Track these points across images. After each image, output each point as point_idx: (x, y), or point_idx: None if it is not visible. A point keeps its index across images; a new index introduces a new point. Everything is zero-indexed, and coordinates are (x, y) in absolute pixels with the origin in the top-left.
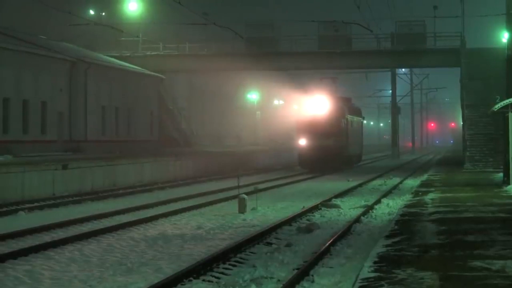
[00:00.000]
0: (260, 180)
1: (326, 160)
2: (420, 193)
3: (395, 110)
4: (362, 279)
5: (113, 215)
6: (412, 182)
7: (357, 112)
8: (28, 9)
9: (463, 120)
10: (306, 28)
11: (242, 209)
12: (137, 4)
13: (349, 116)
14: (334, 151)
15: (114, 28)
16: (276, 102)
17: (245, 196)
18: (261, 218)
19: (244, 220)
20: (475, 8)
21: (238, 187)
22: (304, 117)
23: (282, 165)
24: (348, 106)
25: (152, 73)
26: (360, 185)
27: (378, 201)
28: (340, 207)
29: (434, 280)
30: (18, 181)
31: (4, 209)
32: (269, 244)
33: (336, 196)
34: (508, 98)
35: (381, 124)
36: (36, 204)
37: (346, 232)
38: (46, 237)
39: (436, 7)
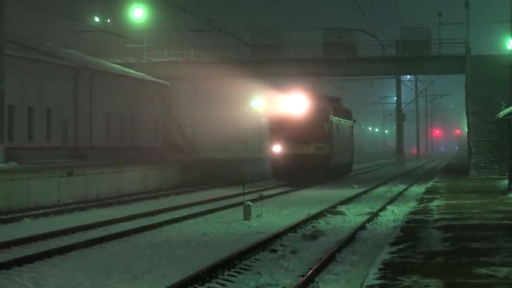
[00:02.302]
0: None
1: (305, 171)
2: (425, 200)
3: (400, 117)
4: (367, 286)
5: (118, 222)
6: (417, 189)
7: (346, 114)
8: (34, 16)
9: (468, 127)
10: (311, 35)
11: (247, 216)
12: (142, 11)
13: (334, 118)
14: (315, 161)
15: (119, 35)
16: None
17: (250, 203)
18: (266, 225)
19: (249, 227)
20: (480, 15)
21: (243, 194)
22: (279, 117)
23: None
24: (334, 107)
25: (157, 80)
26: (365, 192)
27: (383, 208)
28: (345, 214)
29: (439, 287)
30: (23, 188)
31: (10, 216)
32: (274, 251)
33: (341, 203)
34: None
35: (386, 131)
36: (41, 211)
37: (351, 239)
38: (51, 244)
39: (441, 14)
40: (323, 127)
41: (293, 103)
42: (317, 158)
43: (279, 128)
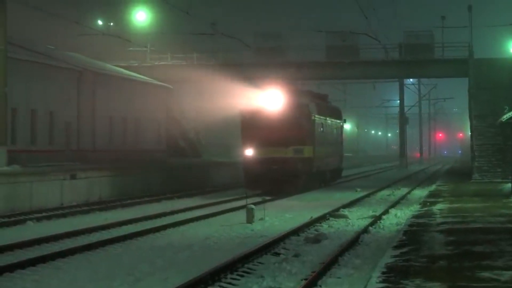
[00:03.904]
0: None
1: (282, 178)
2: (428, 204)
3: (403, 120)
4: None
5: (121, 225)
6: (420, 193)
7: (334, 113)
8: (36, 20)
9: (471, 131)
10: (314, 38)
11: (250, 219)
12: (145, 15)
13: (317, 116)
14: (294, 166)
15: (122, 38)
16: None
17: (253, 206)
18: (269, 228)
19: (252, 230)
20: (483, 18)
21: (246, 197)
22: (252, 115)
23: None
24: (318, 104)
25: (160, 83)
26: (368, 195)
27: (386, 212)
28: (348, 217)
29: None
30: (26, 191)
31: (13, 219)
32: (277, 254)
33: (344, 206)
34: None
35: (389, 135)
36: (44, 214)
37: (354, 242)
38: (54, 247)
39: (444, 17)
40: (304, 126)
41: (268, 98)
42: (296, 162)
43: (252, 127)
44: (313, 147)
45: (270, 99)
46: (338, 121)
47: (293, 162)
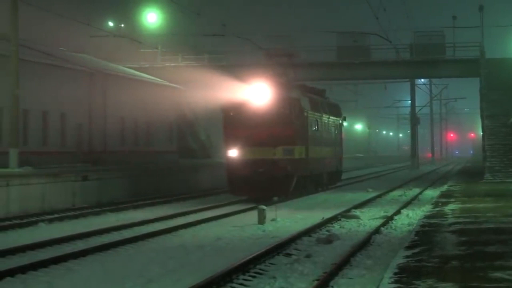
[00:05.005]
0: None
1: (270, 183)
2: (440, 204)
3: (414, 120)
4: None
5: (133, 226)
6: (432, 193)
7: (332, 109)
8: (47, 21)
9: (483, 131)
10: (325, 39)
11: (261, 220)
12: (156, 16)
13: (311, 112)
14: (283, 169)
15: (133, 40)
16: None
17: (264, 207)
18: (281, 229)
19: (264, 231)
20: (494, 18)
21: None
22: (235, 111)
23: None
24: (312, 98)
25: (171, 84)
26: (379, 196)
27: (398, 212)
28: (359, 218)
29: None
30: (38, 193)
31: (25, 220)
32: (289, 255)
33: (356, 207)
34: None
35: (400, 135)
36: (56, 215)
37: (366, 243)
38: (67, 249)
39: (455, 17)
40: (295, 124)
41: (254, 92)
42: (285, 165)
43: (235, 125)
44: (306, 147)
45: (256, 93)
46: (336, 118)
47: (282, 164)
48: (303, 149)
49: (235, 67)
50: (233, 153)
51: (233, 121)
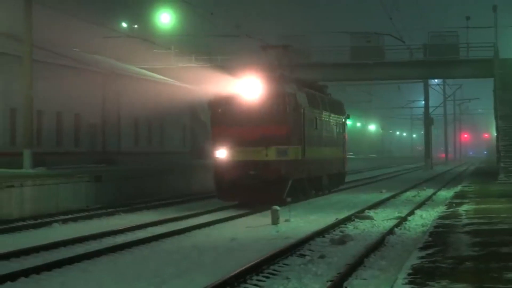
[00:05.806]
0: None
1: (261, 187)
2: (453, 205)
3: (428, 121)
4: None
5: (147, 227)
6: (446, 194)
7: (333, 107)
8: (61, 22)
9: (497, 131)
10: (338, 39)
11: (275, 221)
12: (169, 17)
13: (309, 109)
14: (277, 171)
15: (146, 40)
16: None
17: (278, 207)
18: (294, 230)
19: (277, 232)
20: (508, 18)
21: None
22: (224, 107)
23: None
24: (310, 93)
25: (184, 85)
26: (393, 196)
27: (411, 213)
28: (373, 219)
29: None
30: (52, 193)
31: (39, 221)
32: (303, 255)
33: (369, 208)
34: None
35: (414, 135)
36: (70, 216)
37: (379, 243)
38: (80, 249)
39: (468, 17)
40: (289, 121)
41: (245, 87)
42: (279, 166)
43: (224, 123)
44: (302, 147)
45: (247, 87)
46: (338, 116)
47: (275, 166)
48: (299, 149)
49: (247, 67)
50: (221, 153)
51: (221, 118)
